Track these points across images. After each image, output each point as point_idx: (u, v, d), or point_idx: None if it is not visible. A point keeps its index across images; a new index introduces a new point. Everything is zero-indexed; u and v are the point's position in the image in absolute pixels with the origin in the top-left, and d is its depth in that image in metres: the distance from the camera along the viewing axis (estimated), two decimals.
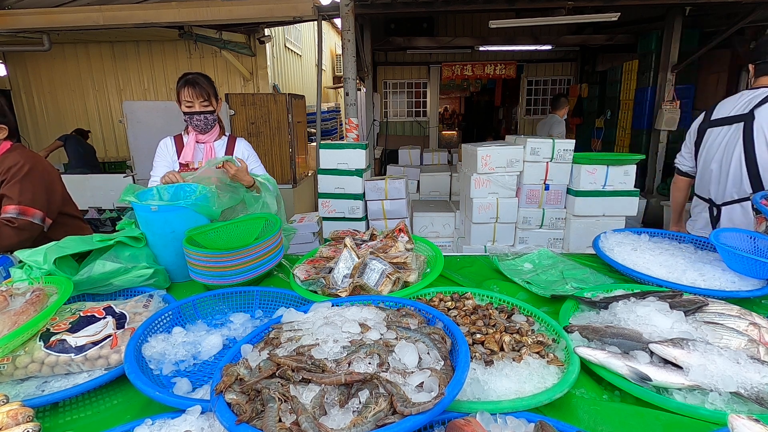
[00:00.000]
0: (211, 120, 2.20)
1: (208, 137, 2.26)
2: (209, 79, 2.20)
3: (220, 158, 1.92)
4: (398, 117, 10.28)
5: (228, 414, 0.78)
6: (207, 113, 2.17)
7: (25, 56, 6.79)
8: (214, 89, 2.19)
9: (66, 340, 1.10)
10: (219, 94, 2.24)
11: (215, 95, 2.20)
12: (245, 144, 2.35)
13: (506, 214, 3.68)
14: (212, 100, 2.17)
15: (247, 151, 2.32)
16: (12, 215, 1.77)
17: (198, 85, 2.12)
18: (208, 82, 2.18)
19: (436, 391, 0.78)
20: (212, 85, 2.19)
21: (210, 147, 2.27)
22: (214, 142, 2.28)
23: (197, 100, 2.12)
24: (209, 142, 2.27)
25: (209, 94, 2.15)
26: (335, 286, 1.39)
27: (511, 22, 5.75)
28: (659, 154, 6.54)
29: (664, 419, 0.89)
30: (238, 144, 2.33)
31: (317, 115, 5.54)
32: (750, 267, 1.42)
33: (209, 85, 2.17)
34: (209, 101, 2.15)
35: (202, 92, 2.12)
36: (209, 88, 2.16)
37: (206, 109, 2.16)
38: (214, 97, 2.18)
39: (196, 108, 2.14)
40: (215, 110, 2.20)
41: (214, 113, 2.20)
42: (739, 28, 5.53)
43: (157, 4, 4.88)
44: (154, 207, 1.56)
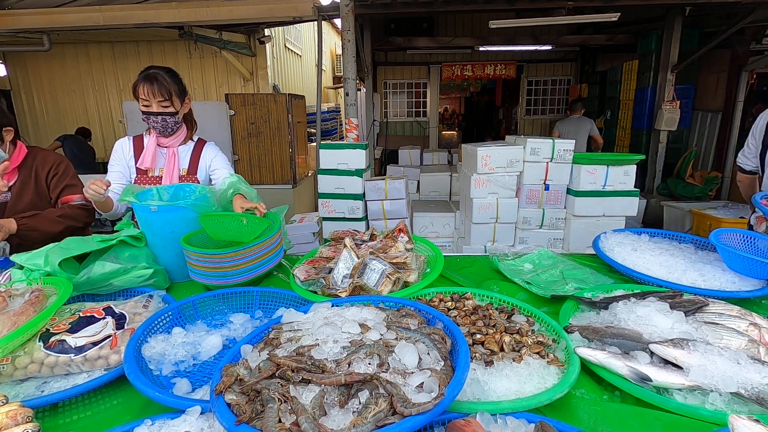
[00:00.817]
0: (171, 123, 1.94)
1: (171, 140, 2.00)
2: (174, 75, 1.95)
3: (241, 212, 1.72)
4: (398, 117, 10.28)
5: (228, 414, 0.77)
6: (166, 115, 1.91)
7: (25, 56, 6.79)
8: (179, 87, 1.94)
9: (65, 341, 1.09)
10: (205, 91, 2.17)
11: (180, 93, 1.95)
12: (213, 149, 2.12)
13: (506, 214, 3.68)
14: (174, 100, 1.91)
15: (214, 153, 2.10)
16: (82, 201, 1.94)
17: (156, 81, 1.86)
18: (172, 78, 1.92)
19: (436, 392, 0.78)
20: (177, 81, 1.95)
21: (173, 152, 2.02)
22: (178, 146, 2.03)
23: (154, 98, 1.87)
24: (173, 146, 2.02)
25: (170, 93, 1.89)
26: (335, 286, 1.39)
27: (511, 22, 5.75)
28: (659, 154, 6.54)
29: (664, 420, 0.89)
30: (206, 150, 2.09)
31: (317, 115, 5.54)
32: (750, 267, 1.42)
33: (173, 82, 1.91)
34: (170, 101, 1.89)
35: (160, 90, 1.86)
36: (171, 86, 1.90)
37: (165, 110, 1.90)
38: (177, 95, 1.93)
39: (153, 108, 1.89)
40: (177, 111, 1.94)
41: (176, 115, 1.94)
42: (739, 28, 5.53)
43: (157, 4, 4.88)
44: (153, 207, 1.56)
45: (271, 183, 5.46)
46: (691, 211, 4.92)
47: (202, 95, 6.88)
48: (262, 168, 5.42)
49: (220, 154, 2.13)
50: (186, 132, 2.06)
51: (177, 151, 2.03)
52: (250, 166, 5.42)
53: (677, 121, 6.30)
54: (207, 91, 6.88)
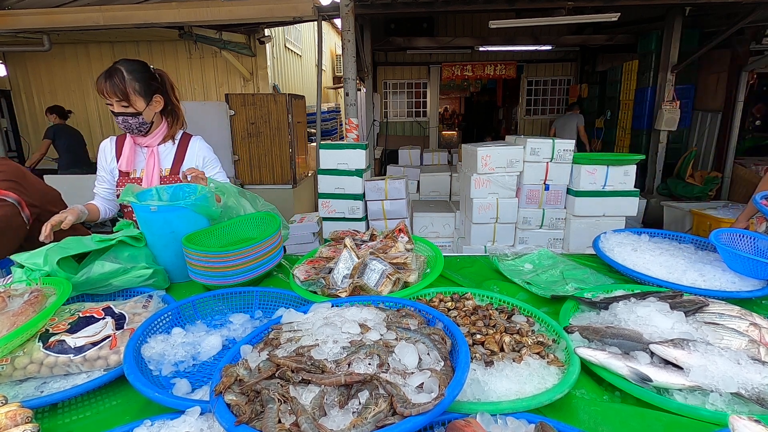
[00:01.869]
0: (134, 124, 1.77)
1: (149, 140, 1.87)
2: (139, 72, 1.75)
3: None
4: (398, 117, 10.29)
5: (227, 415, 0.77)
6: (127, 115, 1.75)
7: (25, 56, 6.79)
8: (143, 85, 1.75)
9: (65, 341, 1.09)
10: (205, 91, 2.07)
11: (144, 93, 1.75)
12: (202, 145, 1.95)
13: (506, 214, 3.68)
14: (135, 99, 1.73)
15: (203, 153, 1.94)
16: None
17: (112, 79, 1.68)
18: (135, 75, 1.73)
19: (436, 392, 0.78)
20: (142, 78, 1.74)
21: (153, 152, 1.88)
22: (158, 145, 1.89)
23: (113, 98, 1.71)
24: (152, 145, 1.88)
25: (126, 93, 1.70)
26: (335, 286, 1.39)
27: (511, 23, 5.76)
28: (659, 154, 6.54)
29: (664, 420, 0.89)
30: (192, 146, 1.93)
31: (317, 115, 5.54)
32: (750, 267, 1.42)
33: (134, 80, 1.72)
34: (128, 101, 1.72)
35: (114, 89, 1.68)
36: (131, 84, 1.71)
37: (125, 110, 1.74)
38: (139, 94, 1.74)
39: (114, 107, 1.74)
40: (140, 112, 1.77)
41: (138, 116, 1.77)
42: (739, 28, 5.53)
43: (157, 5, 4.88)
44: (153, 207, 1.56)
45: (271, 183, 5.46)
46: (691, 211, 4.92)
47: (202, 95, 6.88)
48: (262, 168, 5.42)
49: (211, 156, 1.97)
50: (166, 130, 1.91)
51: (157, 150, 1.89)
52: (250, 166, 5.42)
53: (677, 121, 6.30)
54: (207, 91, 6.88)
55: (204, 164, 1.94)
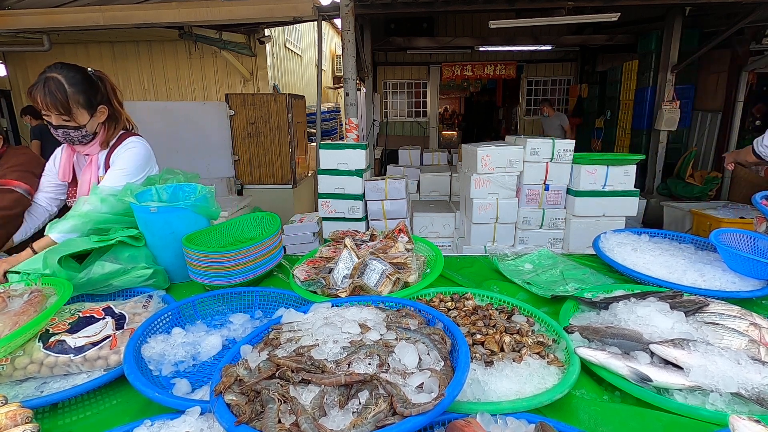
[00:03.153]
0: (76, 137, 1.65)
1: (89, 148, 1.75)
2: (79, 83, 1.58)
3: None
4: (398, 117, 10.29)
5: (227, 415, 0.77)
6: (69, 128, 1.62)
7: (25, 56, 6.79)
8: (87, 96, 1.61)
9: (65, 341, 1.09)
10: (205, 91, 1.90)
11: (87, 105, 1.62)
12: (128, 144, 1.76)
13: (506, 214, 3.68)
14: (78, 113, 1.60)
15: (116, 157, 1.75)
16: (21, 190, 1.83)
17: (51, 92, 1.53)
18: (78, 87, 1.58)
19: (436, 392, 0.78)
20: (83, 90, 1.60)
21: (92, 160, 1.78)
22: (99, 153, 1.77)
23: (52, 111, 1.56)
24: (92, 154, 1.77)
25: (67, 107, 1.56)
26: (335, 286, 1.39)
27: (511, 23, 5.76)
28: (659, 154, 6.54)
29: (664, 420, 0.89)
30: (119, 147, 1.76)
31: (317, 115, 5.54)
32: (750, 267, 1.42)
33: (78, 92, 1.58)
34: (70, 115, 1.58)
35: (56, 104, 1.54)
36: (76, 96, 1.57)
37: (66, 124, 1.61)
38: (82, 107, 1.60)
39: (52, 120, 1.60)
40: (83, 125, 1.63)
41: (81, 129, 1.64)
42: (739, 28, 5.53)
43: (157, 5, 4.88)
44: (153, 208, 1.56)
45: (271, 183, 5.46)
46: (691, 211, 4.92)
47: (202, 95, 6.88)
48: (262, 168, 5.42)
49: (126, 154, 1.74)
50: (104, 137, 1.75)
51: (96, 158, 1.77)
52: (250, 166, 5.42)
53: (677, 121, 6.30)
54: (207, 91, 6.88)
55: (112, 162, 1.76)
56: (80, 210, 1.57)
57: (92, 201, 1.58)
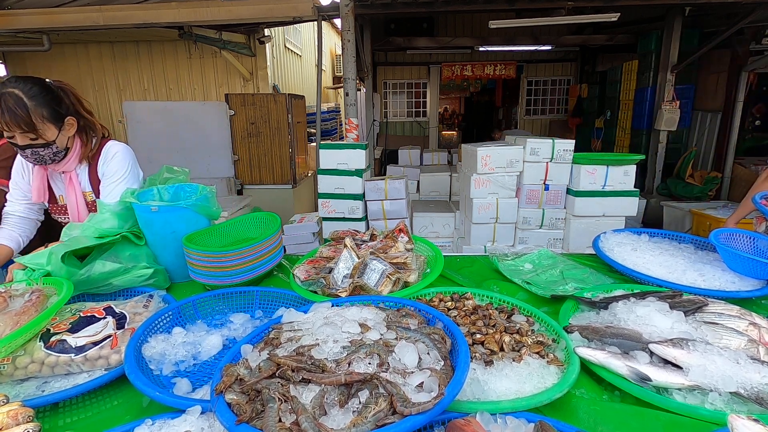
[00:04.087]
0: (47, 155, 1.50)
1: (64, 165, 1.61)
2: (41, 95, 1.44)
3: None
4: (398, 117, 10.28)
5: (228, 414, 0.78)
6: (37, 147, 1.47)
7: (25, 56, 6.78)
8: (51, 109, 1.46)
9: (66, 341, 1.10)
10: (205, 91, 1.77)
11: (53, 117, 1.47)
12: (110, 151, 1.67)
13: (506, 214, 3.68)
14: (44, 128, 1.46)
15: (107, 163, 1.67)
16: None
17: (9, 109, 1.37)
18: (38, 100, 1.43)
19: (436, 391, 0.78)
20: (45, 102, 1.45)
21: (71, 178, 1.64)
22: (76, 169, 1.64)
23: (15, 130, 1.41)
24: (69, 171, 1.63)
25: (33, 123, 1.42)
26: (335, 286, 1.39)
27: (511, 23, 5.76)
28: (659, 154, 6.54)
29: (664, 419, 0.89)
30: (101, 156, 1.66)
31: (317, 115, 5.54)
32: (750, 267, 1.42)
33: (39, 105, 1.42)
34: (35, 132, 1.44)
35: (17, 121, 1.39)
36: (39, 110, 1.42)
37: (33, 143, 1.46)
38: (48, 120, 1.46)
39: (17, 140, 1.45)
40: (52, 141, 1.49)
41: (51, 145, 1.49)
42: (739, 28, 5.53)
43: (157, 5, 4.88)
44: (154, 208, 1.56)
45: (271, 183, 5.46)
46: (690, 211, 4.92)
47: (202, 95, 6.88)
48: (262, 168, 5.42)
49: (114, 162, 1.65)
50: (81, 151, 1.62)
51: (75, 175, 1.64)
52: (250, 166, 5.42)
53: (677, 121, 6.30)
54: (207, 91, 6.88)
55: (103, 174, 1.68)
56: (100, 228, 1.49)
57: (108, 219, 1.52)
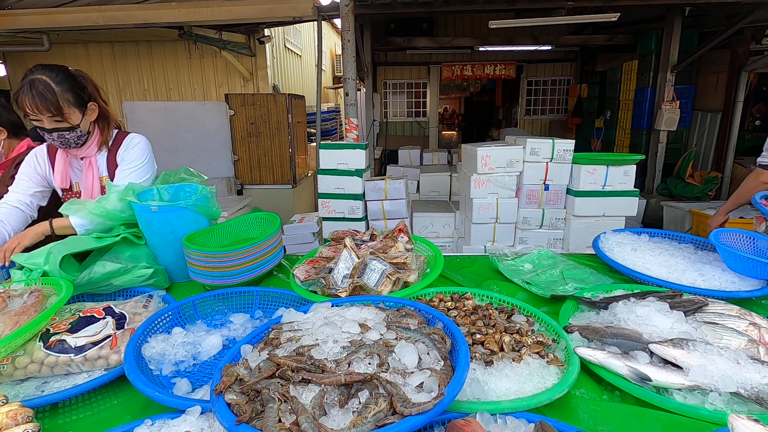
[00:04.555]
0: (72, 138, 1.62)
1: (85, 150, 1.71)
2: (66, 81, 1.56)
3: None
4: (398, 117, 10.28)
5: (228, 414, 0.77)
6: (63, 130, 1.58)
7: (25, 56, 6.78)
8: (74, 94, 1.58)
9: (65, 341, 1.10)
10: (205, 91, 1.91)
11: (78, 103, 1.59)
12: (131, 142, 1.78)
13: (506, 214, 3.68)
14: (70, 112, 1.57)
15: (125, 150, 1.76)
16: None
17: (39, 95, 1.49)
18: (63, 85, 1.54)
19: (436, 392, 0.78)
20: (70, 88, 1.57)
21: (91, 163, 1.73)
22: (96, 155, 1.74)
23: (44, 114, 1.52)
24: (89, 156, 1.73)
25: (59, 107, 1.53)
26: (335, 286, 1.39)
27: (511, 23, 5.76)
28: (659, 154, 6.54)
29: (664, 419, 0.89)
30: (122, 145, 1.77)
31: (317, 115, 5.54)
32: (750, 267, 1.42)
33: (63, 91, 1.54)
34: (62, 116, 1.55)
35: (47, 105, 1.51)
36: (62, 96, 1.53)
37: (59, 126, 1.57)
38: (73, 105, 1.57)
39: (44, 123, 1.56)
40: (77, 125, 1.60)
41: (76, 129, 1.60)
42: (738, 28, 5.53)
43: (157, 5, 4.88)
44: (154, 207, 1.56)
45: (271, 183, 5.46)
46: (690, 211, 4.92)
47: (202, 95, 6.88)
48: (262, 168, 5.42)
49: (133, 151, 1.76)
50: (100, 137, 1.73)
51: (95, 160, 1.74)
52: (250, 166, 5.42)
53: (677, 121, 6.30)
54: (207, 91, 6.88)
55: (121, 160, 1.77)
56: (102, 207, 1.54)
57: (112, 200, 1.56)
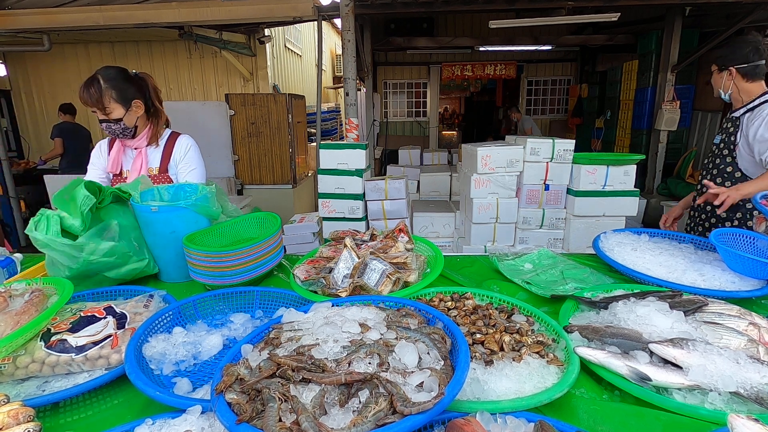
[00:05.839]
0: (117, 129, 1.88)
1: (137, 142, 1.97)
2: (115, 79, 1.83)
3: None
4: (398, 117, 10.29)
5: (228, 414, 0.78)
6: (110, 122, 1.85)
7: (25, 56, 6.79)
8: (120, 92, 1.83)
9: (66, 340, 1.10)
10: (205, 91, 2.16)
11: (122, 99, 1.84)
12: (186, 142, 2.05)
13: (506, 214, 3.68)
14: (113, 107, 1.83)
15: (184, 150, 2.03)
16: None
17: (90, 87, 1.78)
18: (112, 83, 1.81)
19: (436, 391, 0.78)
20: (118, 86, 1.83)
21: (141, 153, 1.98)
22: (146, 147, 1.99)
23: (91, 107, 1.82)
24: (141, 147, 1.98)
25: (102, 102, 1.80)
26: (335, 286, 1.39)
27: (511, 23, 5.76)
28: (659, 154, 6.54)
29: (663, 419, 0.89)
30: (177, 143, 2.03)
31: (317, 115, 5.54)
32: (750, 267, 1.42)
33: (111, 87, 1.81)
34: (109, 107, 1.82)
35: (92, 98, 1.78)
36: (108, 92, 1.80)
37: (108, 117, 1.84)
38: (117, 101, 1.83)
39: (98, 116, 1.86)
40: (120, 118, 1.85)
41: (119, 122, 1.86)
42: (739, 28, 5.53)
43: (157, 5, 4.88)
44: (154, 207, 1.56)
45: (271, 183, 5.46)
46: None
47: (202, 95, 6.88)
48: (262, 168, 5.42)
49: (192, 155, 2.04)
50: (150, 132, 1.98)
51: (145, 152, 1.99)
52: (250, 166, 5.42)
53: (677, 121, 6.30)
54: (207, 91, 6.88)
55: (182, 158, 2.03)
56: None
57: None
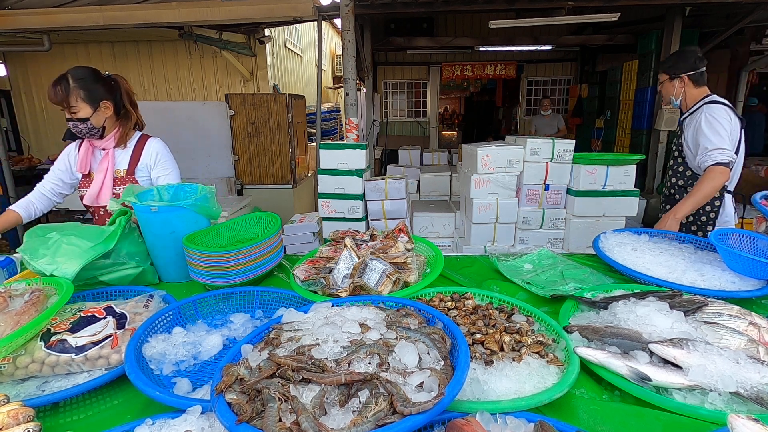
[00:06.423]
0: (83, 129, 1.82)
1: (104, 143, 1.92)
2: (84, 80, 1.78)
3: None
4: (398, 117, 10.29)
5: (228, 414, 0.78)
6: (76, 120, 1.80)
7: (25, 56, 6.78)
8: (88, 92, 1.78)
9: (66, 340, 1.10)
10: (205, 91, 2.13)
11: (90, 99, 1.79)
12: (158, 145, 1.99)
13: (506, 214, 3.68)
14: (80, 107, 1.78)
15: (157, 152, 1.98)
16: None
17: (55, 87, 1.74)
18: (80, 83, 1.77)
19: (436, 391, 0.78)
20: (85, 86, 1.78)
21: (108, 155, 1.93)
22: (114, 148, 1.94)
23: (61, 105, 1.77)
24: (108, 148, 1.93)
25: (68, 101, 1.75)
26: (335, 286, 1.39)
27: (511, 23, 5.76)
28: (659, 154, 6.54)
29: (663, 419, 0.89)
30: (147, 146, 1.98)
31: (317, 115, 5.54)
32: (750, 267, 1.42)
33: (79, 87, 1.76)
34: (75, 106, 1.77)
35: (58, 98, 1.74)
36: (77, 92, 1.76)
37: (74, 117, 1.79)
38: (84, 100, 1.78)
39: (66, 114, 1.80)
40: (87, 118, 1.80)
41: (86, 122, 1.80)
42: (739, 28, 5.54)
43: (157, 5, 4.87)
44: (154, 208, 1.56)
45: (271, 183, 5.46)
46: None
47: (202, 95, 6.88)
48: (262, 168, 5.42)
49: (164, 159, 1.99)
50: (119, 134, 1.93)
51: (112, 153, 1.94)
52: (250, 166, 5.42)
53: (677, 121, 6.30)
54: (207, 91, 6.88)
55: (156, 162, 1.99)
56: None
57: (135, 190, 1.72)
